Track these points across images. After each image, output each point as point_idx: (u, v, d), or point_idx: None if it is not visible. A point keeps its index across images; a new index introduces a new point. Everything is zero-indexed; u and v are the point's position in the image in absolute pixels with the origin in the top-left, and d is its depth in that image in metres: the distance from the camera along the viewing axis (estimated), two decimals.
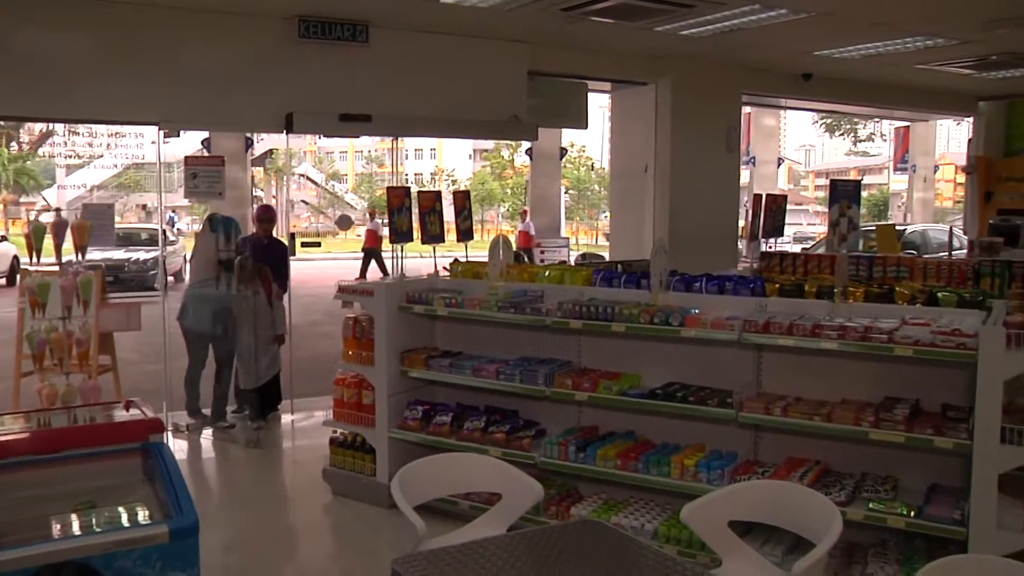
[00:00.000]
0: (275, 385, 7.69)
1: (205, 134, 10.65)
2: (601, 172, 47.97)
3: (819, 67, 10.47)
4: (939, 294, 4.56)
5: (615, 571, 2.87)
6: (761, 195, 7.40)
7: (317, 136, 56.32)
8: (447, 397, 5.78)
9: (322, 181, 51.69)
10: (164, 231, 18.65)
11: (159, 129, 7.19)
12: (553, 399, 5.11)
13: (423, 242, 5.81)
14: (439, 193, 5.97)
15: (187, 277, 7.91)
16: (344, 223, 18.64)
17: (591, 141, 45.00)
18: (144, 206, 39.91)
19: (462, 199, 6.22)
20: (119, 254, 18.26)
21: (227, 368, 7.52)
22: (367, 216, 26.33)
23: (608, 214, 42.31)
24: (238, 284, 7.14)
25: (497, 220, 46.65)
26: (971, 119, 14.39)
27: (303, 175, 49.59)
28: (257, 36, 7.45)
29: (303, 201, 49.24)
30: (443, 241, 5.93)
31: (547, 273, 5.59)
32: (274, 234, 8.06)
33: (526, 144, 11.83)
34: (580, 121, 9.64)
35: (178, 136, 7.27)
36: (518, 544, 3.08)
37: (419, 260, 7.06)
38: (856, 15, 7.65)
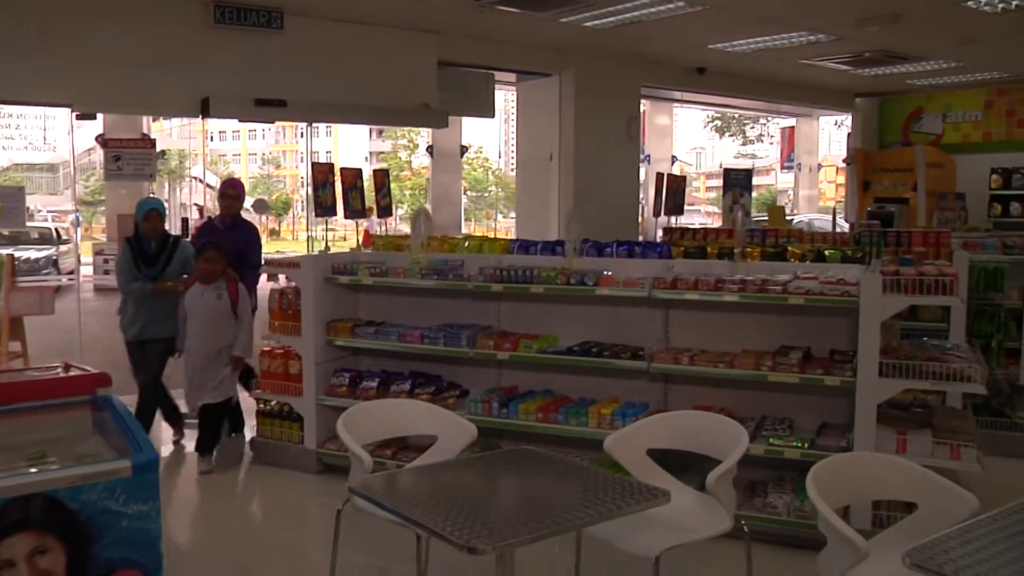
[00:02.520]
0: (222, 414, 6.09)
1: (99, 130, 10.56)
2: (499, 173, 48.53)
3: (713, 61, 11.08)
4: (826, 252, 5.07)
5: (556, 484, 3.17)
6: (663, 174, 7.87)
7: (209, 138, 55.30)
8: (372, 366, 6.00)
9: (216, 184, 50.62)
10: (66, 229, 18.14)
11: (71, 111, 7.16)
12: (475, 361, 5.41)
13: (346, 216, 6.01)
14: (360, 171, 6.19)
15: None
16: (260, 207, 18.51)
17: (489, 142, 45.51)
18: (27, 208, 38.33)
19: (382, 177, 6.45)
20: (6, 251, 17.62)
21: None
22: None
23: (503, 215, 42.79)
24: (199, 279, 5.77)
25: (394, 223, 46.62)
26: (850, 116, 15.41)
27: (196, 177, 48.56)
28: (172, 20, 7.48)
29: (196, 204, 48.17)
30: (365, 216, 6.15)
31: (466, 244, 5.88)
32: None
33: (423, 145, 12.07)
34: (488, 110, 9.97)
35: (94, 118, 7.23)
36: (461, 467, 3.37)
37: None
38: (745, 9, 8.21)
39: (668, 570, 3.27)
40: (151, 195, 7.28)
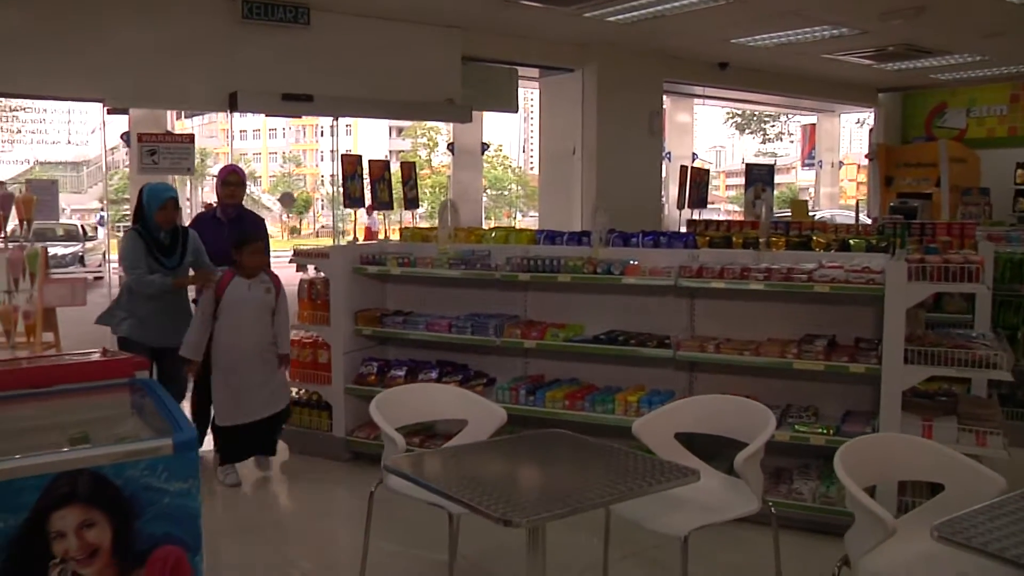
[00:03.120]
0: (275, 425, 5.61)
1: (123, 128, 10.70)
2: (518, 171, 48.63)
3: (735, 56, 11.10)
4: (851, 241, 5.10)
5: (586, 463, 3.23)
6: (686, 166, 7.91)
7: (230, 137, 55.89)
8: (399, 355, 6.07)
9: None
10: (92, 226, 18.37)
11: (103, 106, 7.28)
12: (502, 350, 5.48)
13: (374, 208, 6.09)
14: (387, 162, 6.27)
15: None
16: (287, 201, 18.67)
17: (508, 141, 45.63)
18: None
19: (409, 169, 6.52)
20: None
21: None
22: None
23: (522, 213, 42.82)
24: (242, 273, 5.27)
25: (414, 219, 46.73)
26: (872, 112, 15.36)
27: (216, 176, 48.89)
28: (201, 15, 7.62)
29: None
30: (392, 208, 6.22)
31: (493, 234, 5.95)
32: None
33: (443, 144, 12.14)
34: (511, 105, 10.05)
35: (126, 113, 7.36)
36: (493, 448, 3.44)
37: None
38: (768, 2, 8.23)
39: (695, 555, 3.32)
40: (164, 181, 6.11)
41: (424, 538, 4.52)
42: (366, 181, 6.06)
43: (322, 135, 59.82)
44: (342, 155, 6.27)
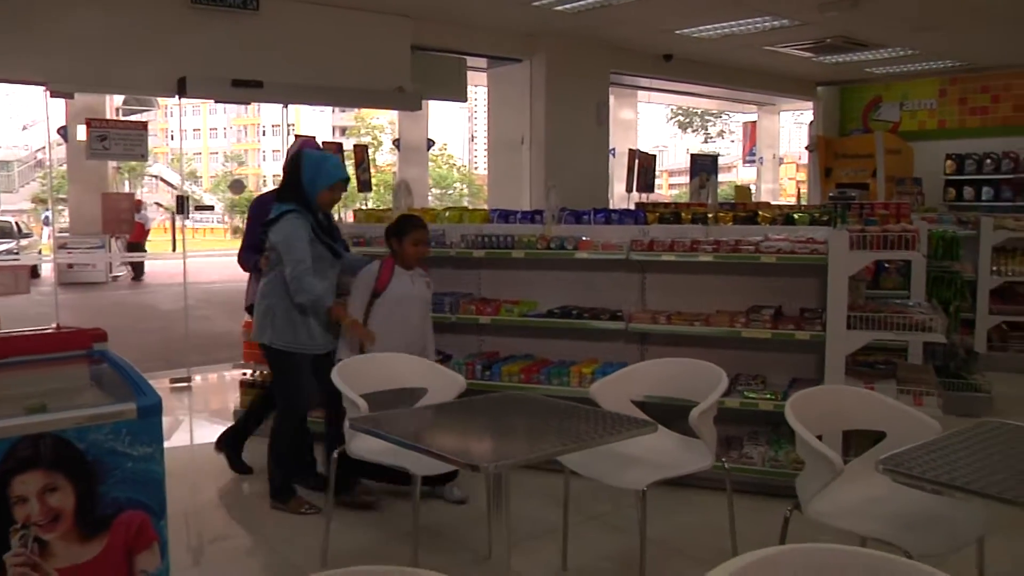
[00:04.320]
0: None
1: (61, 122, 10.49)
2: (463, 169, 48.72)
3: (680, 47, 11.30)
4: (795, 215, 5.29)
5: (546, 418, 3.31)
6: (635, 151, 8.06)
7: (170, 136, 54.74)
8: None
9: (177, 182, 50.18)
10: (27, 224, 17.92)
11: (45, 90, 7.15)
12: (457, 327, 5.55)
13: None
14: (340, 144, 6.29)
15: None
16: (237, 188, 18.44)
17: (453, 139, 45.65)
18: None
19: (362, 152, 6.55)
20: None
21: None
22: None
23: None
24: (404, 264, 4.67)
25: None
26: (811, 111, 15.77)
27: (157, 176, 48.01)
28: (149, 0, 7.53)
29: (156, 203, 47.80)
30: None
31: (447, 214, 6.02)
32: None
33: (387, 142, 12.07)
34: (460, 95, 10.10)
35: (71, 97, 7.23)
36: (453, 408, 3.52)
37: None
38: None
39: (652, 516, 3.44)
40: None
41: (386, 513, 4.58)
42: None
43: (263, 135, 59.10)
44: (296, 135, 6.27)
